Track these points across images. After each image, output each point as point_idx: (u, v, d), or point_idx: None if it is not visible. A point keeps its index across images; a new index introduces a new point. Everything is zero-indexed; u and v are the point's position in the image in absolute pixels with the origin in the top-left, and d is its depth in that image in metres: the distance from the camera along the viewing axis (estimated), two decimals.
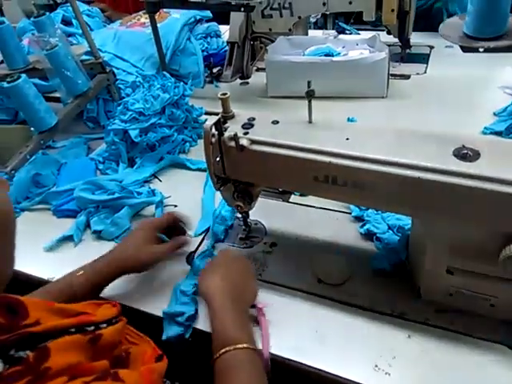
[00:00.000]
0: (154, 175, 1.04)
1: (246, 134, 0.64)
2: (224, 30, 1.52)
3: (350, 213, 0.84)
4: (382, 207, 0.68)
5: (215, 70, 1.42)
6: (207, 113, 1.19)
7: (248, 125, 0.66)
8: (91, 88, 1.12)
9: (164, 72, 1.19)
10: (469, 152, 0.54)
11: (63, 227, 0.90)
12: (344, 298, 0.70)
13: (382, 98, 1.21)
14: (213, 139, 0.66)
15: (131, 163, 1.06)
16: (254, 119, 0.67)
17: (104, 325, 0.49)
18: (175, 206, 0.93)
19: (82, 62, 1.12)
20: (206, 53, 1.44)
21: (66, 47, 1.05)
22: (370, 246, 0.77)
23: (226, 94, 0.65)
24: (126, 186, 0.94)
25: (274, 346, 0.64)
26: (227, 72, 1.41)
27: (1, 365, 0.38)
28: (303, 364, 0.62)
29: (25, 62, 1.17)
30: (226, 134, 0.65)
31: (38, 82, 1.18)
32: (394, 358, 0.61)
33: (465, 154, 0.54)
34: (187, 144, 1.12)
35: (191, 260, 0.79)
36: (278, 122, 0.66)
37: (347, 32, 1.54)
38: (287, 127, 0.65)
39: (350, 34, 1.53)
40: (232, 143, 0.64)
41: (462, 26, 1.22)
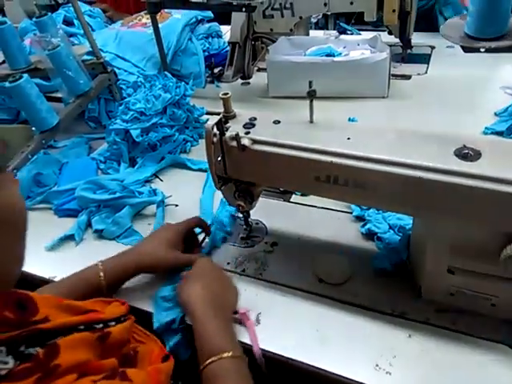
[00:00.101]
0: (155, 175, 1.04)
1: (247, 133, 0.64)
2: (225, 30, 1.52)
3: (351, 212, 0.84)
4: (383, 207, 0.68)
5: (216, 70, 1.43)
6: (208, 113, 1.20)
7: (249, 125, 0.66)
8: (93, 88, 1.12)
9: (165, 72, 1.19)
10: (470, 152, 0.54)
11: (64, 226, 0.90)
12: (345, 297, 0.70)
13: (383, 98, 1.21)
14: (214, 139, 0.66)
15: (132, 163, 1.06)
16: (255, 119, 0.67)
17: (113, 323, 0.50)
18: (176, 206, 0.94)
19: (83, 62, 1.12)
20: (207, 53, 1.44)
21: (67, 47, 1.05)
22: (371, 245, 0.77)
23: (227, 93, 0.65)
24: (127, 186, 0.94)
25: (274, 345, 0.64)
26: (228, 72, 1.41)
27: (12, 361, 0.38)
28: (304, 363, 0.62)
29: (27, 62, 1.17)
30: (228, 134, 0.65)
31: (40, 82, 1.18)
32: (394, 357, 0.61)
33: (466, 154, 0.54)
34: (188, 144, 1.12)
35: None
36: (279, 121, 0.66)
37: (348, 32, 1.54)
38: (288, 127, 0.65)
39: (351, 34, 1.53)
40: (233, 143, 0.65)
41: (463, 26, 1.22)
